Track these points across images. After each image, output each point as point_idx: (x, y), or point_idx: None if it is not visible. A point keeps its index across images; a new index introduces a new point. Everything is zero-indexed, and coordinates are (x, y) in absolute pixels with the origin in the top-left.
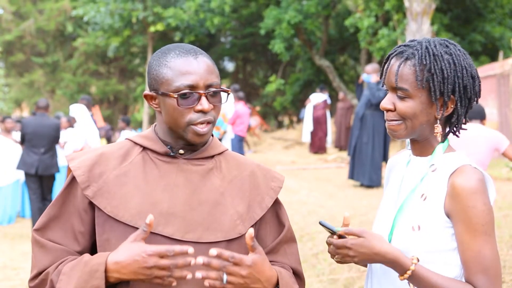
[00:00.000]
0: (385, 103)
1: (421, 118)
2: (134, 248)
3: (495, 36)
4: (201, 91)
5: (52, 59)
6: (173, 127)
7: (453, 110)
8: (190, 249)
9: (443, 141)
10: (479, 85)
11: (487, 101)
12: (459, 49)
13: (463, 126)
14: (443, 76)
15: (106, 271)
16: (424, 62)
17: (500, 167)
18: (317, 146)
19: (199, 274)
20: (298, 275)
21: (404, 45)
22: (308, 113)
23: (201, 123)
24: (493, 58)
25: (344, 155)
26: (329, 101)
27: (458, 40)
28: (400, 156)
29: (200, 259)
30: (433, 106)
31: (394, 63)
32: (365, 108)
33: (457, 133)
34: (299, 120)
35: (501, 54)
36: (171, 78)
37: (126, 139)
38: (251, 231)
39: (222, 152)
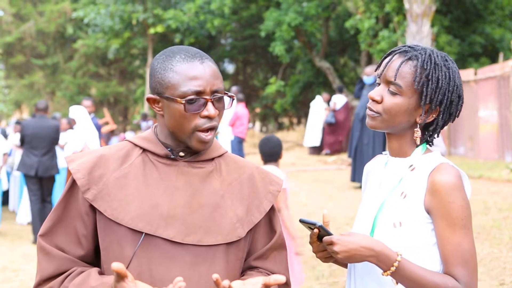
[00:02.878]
0: (374, 94)
1: (403, 117)
2: None
3: (495, 38)
4: (208, 97)
5: (52, 61)
6: (176, 132)
7: (432, 120)
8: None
9: (418, 145)
10: (461, 106)
11: (487, 103)
12: (455, 67)
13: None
14: (437, 86)
15: None
16: (425, 67)
17: (500, 168)
18: (334, 147)
19: None
20: (286, 283)
21: (409, 46)
22: (312, 115)
23: (207, 129)
24: (493, 59)
25: (344, 157)
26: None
27: (458, 42)
28: (376, 161)
29: None
30: (418, 110)
31: (397, 59)
32: (365, 109)
33: (430, 143)
34: (300, 122)
35: (501, 55)
36: (177, 82)
37: (125, 140)
38: (216, 276)
39: (222, 155)
